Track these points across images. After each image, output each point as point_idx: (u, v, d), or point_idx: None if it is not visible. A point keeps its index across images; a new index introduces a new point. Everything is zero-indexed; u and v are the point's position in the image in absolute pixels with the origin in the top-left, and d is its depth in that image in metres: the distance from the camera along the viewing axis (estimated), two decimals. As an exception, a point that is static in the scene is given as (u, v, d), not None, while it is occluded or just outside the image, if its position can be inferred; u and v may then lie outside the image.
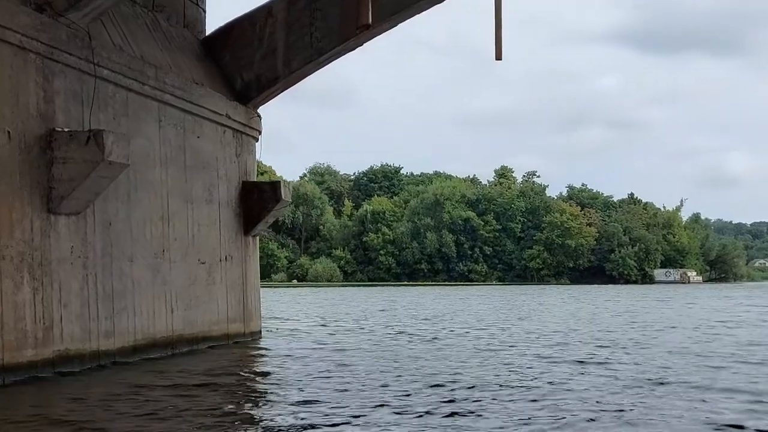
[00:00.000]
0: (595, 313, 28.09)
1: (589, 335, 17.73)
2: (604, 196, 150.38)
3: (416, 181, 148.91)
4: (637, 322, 22.96)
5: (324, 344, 15.44)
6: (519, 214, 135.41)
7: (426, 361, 12.26)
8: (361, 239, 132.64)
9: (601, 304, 38.63)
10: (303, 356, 13.23)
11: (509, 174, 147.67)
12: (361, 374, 10.70)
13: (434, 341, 16.09)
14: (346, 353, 13.54)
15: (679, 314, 27.72)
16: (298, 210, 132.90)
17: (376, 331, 18.91)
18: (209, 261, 13.85)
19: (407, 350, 14.08)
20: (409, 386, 9.53)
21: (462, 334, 18.20)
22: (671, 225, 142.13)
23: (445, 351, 13.91)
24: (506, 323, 22.18)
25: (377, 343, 15.78)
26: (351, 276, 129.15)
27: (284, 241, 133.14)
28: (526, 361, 12.31)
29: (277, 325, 20.80)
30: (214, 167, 14.14)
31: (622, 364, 11.86)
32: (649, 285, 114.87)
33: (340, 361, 12.24)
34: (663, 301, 43.55)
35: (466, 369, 11.30)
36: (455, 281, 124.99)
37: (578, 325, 21.53)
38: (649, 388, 9.43)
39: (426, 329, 19.60)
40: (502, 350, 14.14)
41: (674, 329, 19.83)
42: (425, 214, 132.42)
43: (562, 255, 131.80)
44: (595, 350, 13.92)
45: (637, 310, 30.72)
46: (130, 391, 9.10)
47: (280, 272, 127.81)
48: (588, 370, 11.16)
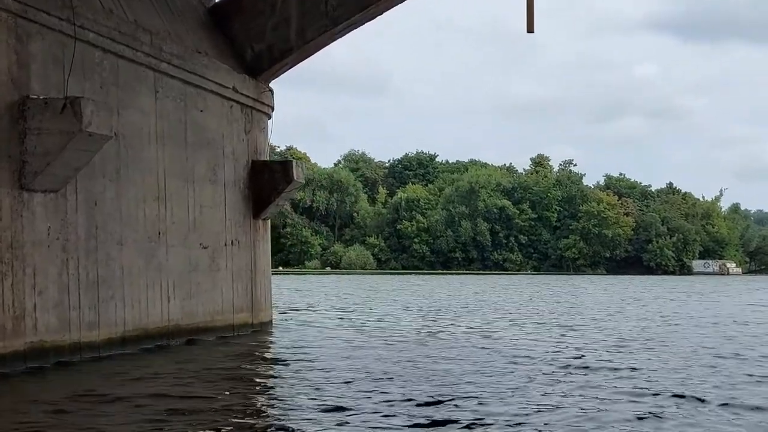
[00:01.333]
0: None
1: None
2: (642, 186, 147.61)
3: (451, 168, 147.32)
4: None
5: (335, 341, 13.92)
6: (555, 203, 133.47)
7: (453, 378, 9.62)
8: (395, 227, 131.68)
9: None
10: (305, 356, 11.82)
11: (546, 162, 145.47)
12: (363, 387, 8.77)
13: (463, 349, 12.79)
14: (357, 355, 11.93)
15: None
16: (332, 197, 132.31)
17: (402, 330, 16.67)
18: (213, 246, 12.81)
19: (429, 359, 11.37)
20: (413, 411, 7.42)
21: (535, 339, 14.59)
22: (710, 215, 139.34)
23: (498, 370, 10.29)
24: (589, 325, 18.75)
25: (402, 346, 13.36)
26: (384, 264, 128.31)
27: (318, 228, 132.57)
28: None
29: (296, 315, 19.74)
30: (219, 145, 13.08)
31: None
32: (686, 276, 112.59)
33: (347, 366, 10.63)
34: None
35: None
36: (489, 270, 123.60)
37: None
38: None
39: (462, 331, 16.46)
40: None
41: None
42: (460, 202, 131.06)
43: (599, 245, 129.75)
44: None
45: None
46: (66, 398, 7.84)
47: (313, 259, 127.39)
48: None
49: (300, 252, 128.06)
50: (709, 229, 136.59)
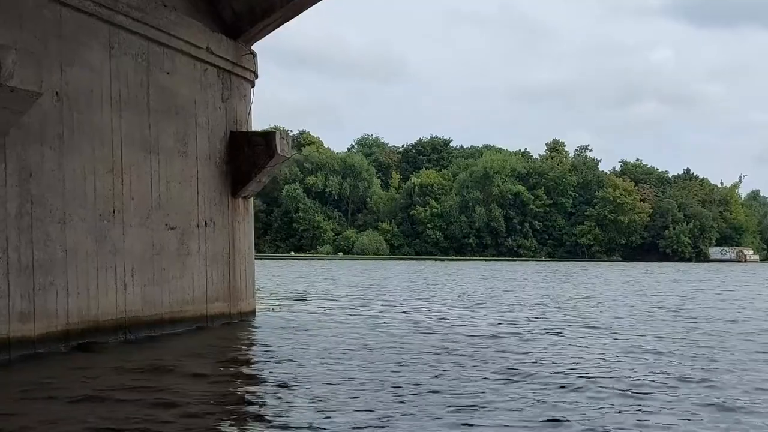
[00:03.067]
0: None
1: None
2: (658, 172, 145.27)
3: (465, 154, 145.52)
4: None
5: (319, 338, 11.86)
6: (570, 188, 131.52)
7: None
8: (409, 212, 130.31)
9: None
10: (276, 355, 10.00)
11: (561, 148, 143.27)
12: (335, 404, 7.16)
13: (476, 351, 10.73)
14: (338, 357, 9.98)
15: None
16: (345, 182, 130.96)
17: (403, 322, 14.83)
18: (182, 226, 11.32)
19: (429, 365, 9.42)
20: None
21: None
22: (728, 202, 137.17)
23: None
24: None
25: (400, 342, 11.58)
26: (398, 249, 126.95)
27: (331, 213, 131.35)
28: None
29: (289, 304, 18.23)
30: (190, 113, 11.57)
31: None
32: (703, 263, 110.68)
33: (321, 373, 8.72)
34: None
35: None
36: (504, 256, 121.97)
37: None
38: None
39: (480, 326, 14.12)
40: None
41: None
42: (474, 187, 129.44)
43: (615, 231, 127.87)
44: None
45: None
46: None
47: (326, 244, 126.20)
48: None
49: (312, 237, 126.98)
50: (727, 215, 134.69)
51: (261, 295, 21.14)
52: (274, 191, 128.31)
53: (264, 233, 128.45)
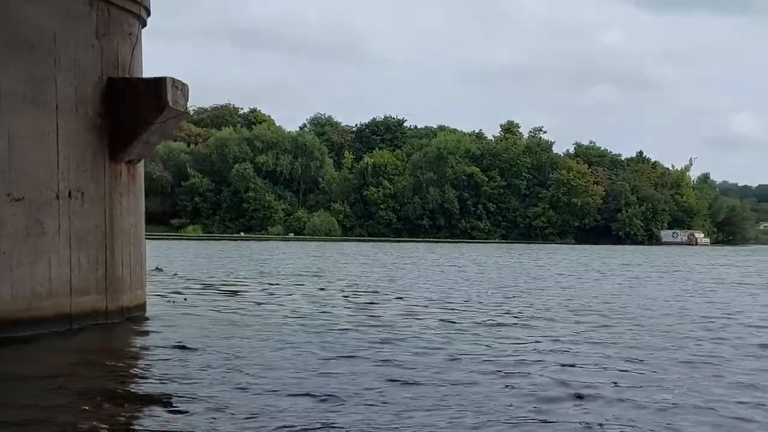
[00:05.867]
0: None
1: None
2: (611, 155, 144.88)
3: (420, 134, 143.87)
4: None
5: (219, 341, 9.21)
6: (524, 170, 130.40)
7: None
8: (362, 193, 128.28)
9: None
10: (148, 372, 7.48)
11: (515, 129, 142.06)
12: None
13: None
14: (244, 367, 7.61)
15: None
16: (296, 161, 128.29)
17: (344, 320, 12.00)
18: (32, 197, 8.64)
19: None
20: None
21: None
22: (680, 185, 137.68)
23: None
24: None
25: (328, 346, 9.07)
26: (350, 230, 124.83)
27: (282, 192, 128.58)
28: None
29: (199, 295, 15.57)
30: (48, 49, 8.87)
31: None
32: (655, 246, 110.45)
33: (205, 397, 6.36)
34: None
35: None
36: (457, 238, 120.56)
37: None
38: None
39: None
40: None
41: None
42: (428, 168, 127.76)
43: (568, 213, 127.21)
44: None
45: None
46: None
47: (276, 225, 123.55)
48: None
49: (263, 217, 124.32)
50: (678, 198, 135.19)
51: (175, 283, 18.59)
52: (223, 170, 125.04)
53: (213, 213, 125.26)
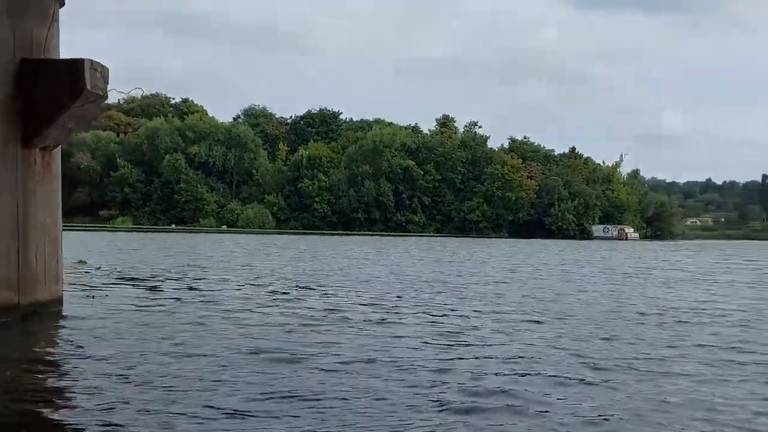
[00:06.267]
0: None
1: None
2: (545, 150, 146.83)
3: (355, 127, 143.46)
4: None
5: (133, 340, 8.78)
6: (459, 164, 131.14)
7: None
8: (296, 185, 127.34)
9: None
10: (53, 376, 6.95)
11: (451, 123, 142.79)
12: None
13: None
14: (144, 366, 7.27)
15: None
16: (230, 152, 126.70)
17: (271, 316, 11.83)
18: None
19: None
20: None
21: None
22: (611, 181, 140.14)
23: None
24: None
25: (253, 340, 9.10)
26: (284, 223, 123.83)
27: (214, 184, 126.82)
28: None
29: (120, 289, 14.98)
30: (-51, 26, 8.30)
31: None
32: (586, 240, 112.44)
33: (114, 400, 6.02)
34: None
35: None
36: (392, 232, 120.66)
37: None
38: None
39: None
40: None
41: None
42: (363, 161, 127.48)
43: (502, 208, 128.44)
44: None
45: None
46: None
47: (209, 217, 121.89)
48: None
49: (194, 209, 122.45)
50: (609, 194, 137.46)
51: (98, 276, 17.93)
52: (154, 160, 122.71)
53: (143, 204, 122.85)
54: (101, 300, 12.50)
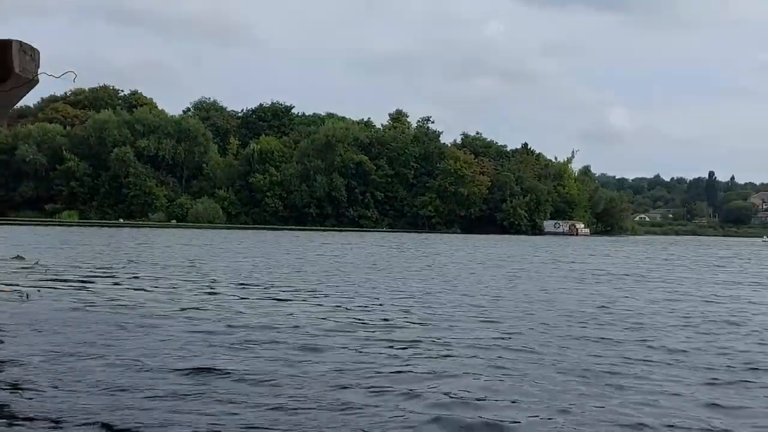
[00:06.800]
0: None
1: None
2: (497, 146, 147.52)
3: (307, 121, 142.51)
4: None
5: (54, 336, 8.35)
6: (412, 159, 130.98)
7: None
8: (247, 180, 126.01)
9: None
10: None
11: (404, 119, 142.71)
12: None
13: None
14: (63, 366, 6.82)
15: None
16: (180, 146, 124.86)
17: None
18: None
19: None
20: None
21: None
22: (562, 177, 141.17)
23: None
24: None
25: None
26: (235, 218, 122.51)
27: (164, 178, 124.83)
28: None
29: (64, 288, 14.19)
30: None
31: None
32: (538, 236, 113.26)
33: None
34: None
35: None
36: (345, 227, 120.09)
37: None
38: None
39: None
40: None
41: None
42: (316, 155, 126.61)
43: (455, 203, 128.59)
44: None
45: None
46: None
47: (158, 212, 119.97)
48: None
49: (143, 203, 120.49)
50: (561, 190, 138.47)
51: (34, 272, 17.06)
52: (102, 154, 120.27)
53: (90, 198, 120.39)
54: (33, 296, 11.74)
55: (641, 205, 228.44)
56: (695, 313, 13.69)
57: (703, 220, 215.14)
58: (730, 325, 12.27)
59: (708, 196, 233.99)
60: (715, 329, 11.85)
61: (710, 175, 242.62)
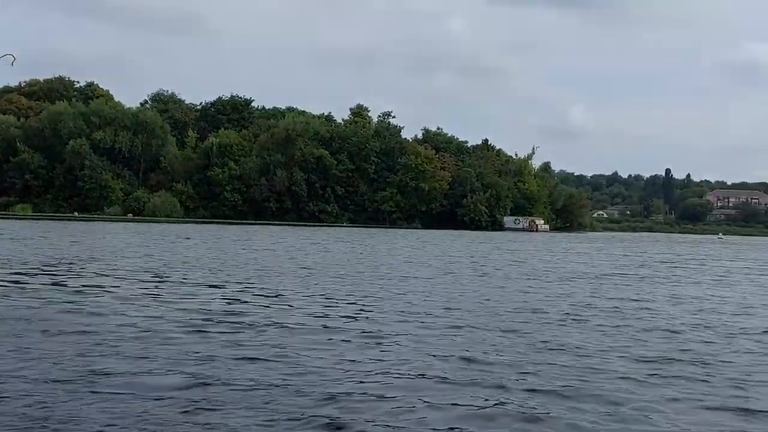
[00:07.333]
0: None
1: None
2: (458, 141, 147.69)
3: (267, 114, 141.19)
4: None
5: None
6: (373, 154, 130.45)
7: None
8: (206, 173, 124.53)
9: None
10: None
11: (365, 113, 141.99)
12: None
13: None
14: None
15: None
16: (137, 139, 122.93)
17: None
18: None
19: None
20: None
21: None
22: (522, 173, 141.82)
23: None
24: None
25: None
26: (193, 212, 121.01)
27: (120, 171, 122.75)
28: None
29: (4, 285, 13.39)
30: None
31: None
32: (498, 232, 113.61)
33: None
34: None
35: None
36: (305, 222, 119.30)
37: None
38: None
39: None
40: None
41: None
42: (276, 149, 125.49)
43: (415, 198, 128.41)
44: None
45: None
46: None
47: (114, 205, 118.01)
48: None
49: (99, 197, 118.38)
50: (521, 186, 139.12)
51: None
52: (57, 146, 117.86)
53: (44, 191, 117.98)
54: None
55: (599, 202, 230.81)
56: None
57: (659, 217, 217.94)
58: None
59: (665, 193, 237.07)
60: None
61: (667, 172, 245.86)
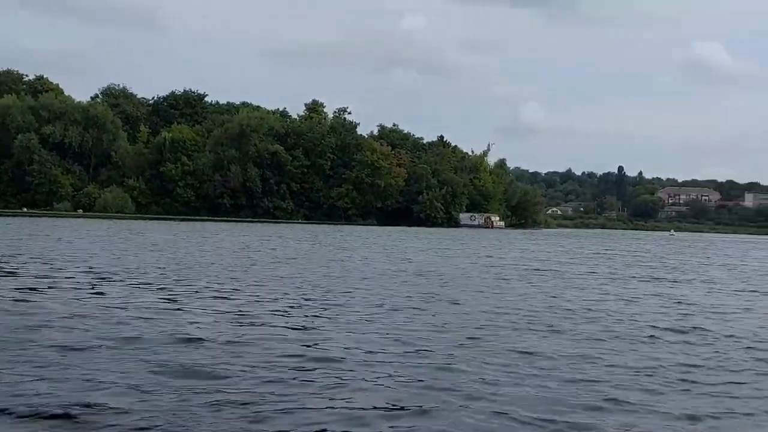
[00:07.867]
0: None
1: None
2: (414, 138, 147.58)
3: (221, 110, 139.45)
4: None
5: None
6: (329, 150, 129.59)
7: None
8: (158, 169, 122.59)
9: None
10: None
11: (320, 109, 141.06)
12: None
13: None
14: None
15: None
16: (87, 133, 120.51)
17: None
18: None
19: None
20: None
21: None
22: (478, 170, 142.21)
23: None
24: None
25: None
26: (145, 208, 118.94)
27: (70, 166, 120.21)
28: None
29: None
30: None
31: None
32: (453, 228, 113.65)
33: None
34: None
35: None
36: (260, 218, 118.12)
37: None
38: None
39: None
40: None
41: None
42: (230, 145, 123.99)
43: (371, 195, 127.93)
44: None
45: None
46: None
47: (64, 201, 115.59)
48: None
49: (48, 192, 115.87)
50: (476, 183, 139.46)
51: None
52: (4, 140, 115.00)
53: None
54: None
55: (553, 199, 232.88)
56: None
57: (612, 213, 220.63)
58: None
59: (617, 190, 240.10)
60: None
61: (619, 170, 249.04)
